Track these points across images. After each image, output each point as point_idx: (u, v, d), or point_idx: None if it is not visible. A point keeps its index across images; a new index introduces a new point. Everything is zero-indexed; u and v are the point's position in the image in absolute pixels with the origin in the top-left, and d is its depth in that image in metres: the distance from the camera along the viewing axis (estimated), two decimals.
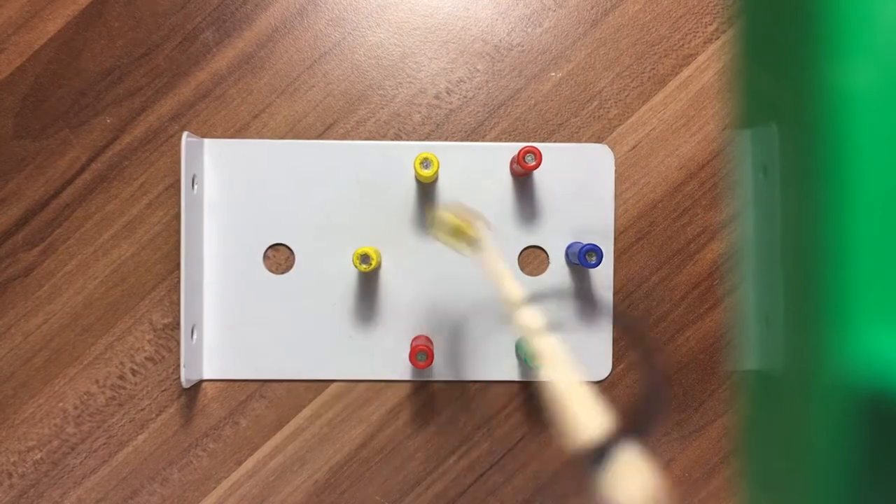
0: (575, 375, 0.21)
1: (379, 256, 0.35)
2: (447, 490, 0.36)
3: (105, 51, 0.36)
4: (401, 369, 0.36)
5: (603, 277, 0.36)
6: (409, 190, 0.36)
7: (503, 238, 0.36)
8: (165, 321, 0.36)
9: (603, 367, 0.36)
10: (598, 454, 0.18)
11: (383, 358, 0.36)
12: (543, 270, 0.36)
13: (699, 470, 0.36)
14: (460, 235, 0.30)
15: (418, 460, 0.36)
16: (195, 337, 0.35)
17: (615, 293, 0.36)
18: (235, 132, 0.36)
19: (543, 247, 0.36)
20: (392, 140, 0.36)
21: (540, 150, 0.32)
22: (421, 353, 0.33)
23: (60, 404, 0.36)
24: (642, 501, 0.17)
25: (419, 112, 0.36)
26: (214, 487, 0.36)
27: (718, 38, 0.36)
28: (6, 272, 0.36)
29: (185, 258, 0.33)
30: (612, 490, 0.17)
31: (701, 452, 0.36)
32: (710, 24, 0.36)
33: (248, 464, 0.36)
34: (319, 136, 0.36)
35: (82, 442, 0.36)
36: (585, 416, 0.19)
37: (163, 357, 0.36)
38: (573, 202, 0.36)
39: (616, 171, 0.36)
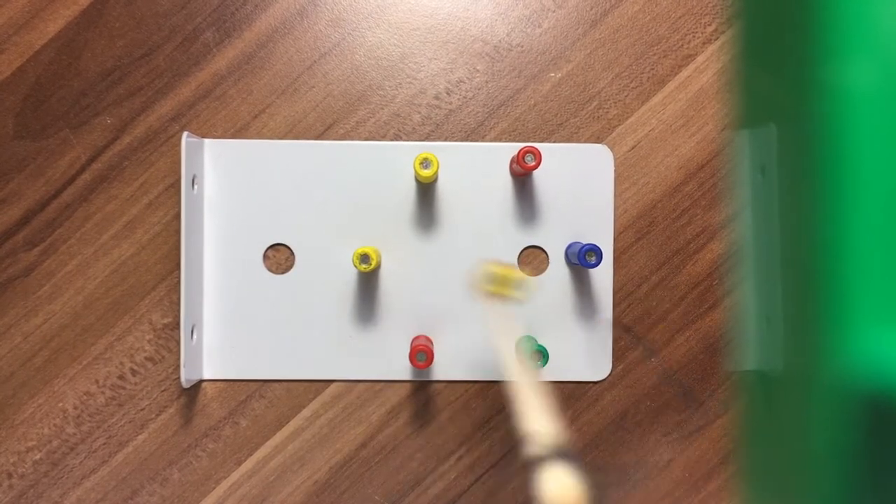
0: (541, 384, 0.22)
1: (379, 256, 0.35)
2: (447, 490, 0.36)
3: (105, 51, 0.36)
4: (401, 369, 0.36)
5: (603, 277, 0.36)
6: (409, 190, 0.36)
7: (503, 238, 0.36)
8: (165, 321, 0.36)
9: (603, 367, 0.36)
10: (541, 458, 0.18)
11: (383, 358, 0.36)
12: (543, 270, 0.36)
13: (699, 470, 0.36)
14: (507, 281, 0.30)
15: (418, 460, 0.36)
16: (195, 337, 0.35)
17: (615, 293, 0.36)
18: (235, 132, 0.36)
19: (543, 247, 0.36)
20: (392, 140, 0.36)
21: (539, 150, 0.32)
22: (421, 353, 0.33)
23: (60, 404, 0.36)
24: None
25: (419, 112, 0.36)
26: (214, 487, 0.36)
27: (717, 38, 0.36)
28: (6, 272, 0.36)
29: (185, 258, 0.33)
30: (542, 496, 0.18)
31: (701, 452, 0.36)
32: (710, 25, 0.36)
33: (248, 464, 0.36)
34: (319, 137, 0.36)
35: (82, 442, 0.36)
36: (540, 419, 0.20)
37: (163, 357, 0.36)
38: (573, 202, 0.36)
39: (615, 171, 0.36)
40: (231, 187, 0.36)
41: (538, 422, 0.20)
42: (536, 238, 0.36)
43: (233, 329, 0.36)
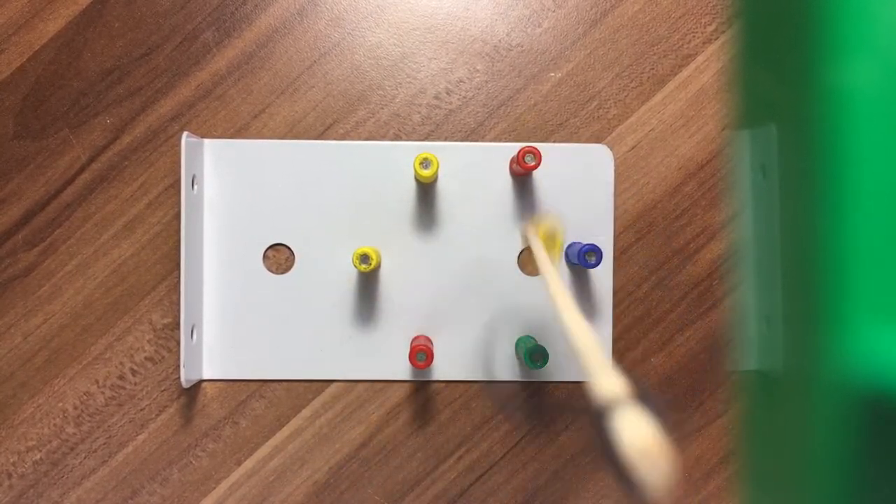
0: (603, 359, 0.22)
1: (379, 256, 0.35)
2: (447, 490, 0.36)
3: (105, 51, 0.36)
4: (401, 369, 0.36)
5: (603, 277, 0.36)
6: (409, 190, 0.36)
7: (503, 238, 0.36)
8: (165, 321, 0.36)
9: None
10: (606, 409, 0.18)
11: (383, 358, 0.36)
12: None
13: (699, 470, 0.36)
14: (555, 237, 0.30)
15: (418, 460, 0.36)
16: (195, 337, 0.35)
17: (615, 293, 0.36)
18: (235, 132, 0.36)
19: None
20: (392, 140, 0.36)
21: (539, 150, 0.32)
22: (421, 353, 0.33)
23: (60, 404, 0.36)
24: (650, 450, 0.17)
25: (419, 112, 0.36)
26: (214, 487, 0.36)
27: (717, 38, 0.36)
28: (6, 272, 0.36)
29: (185, 258, 0.33)
30: (621, 440, 0.18)
31: (701, 452, 0.36)
32: (710, 25, 0.36)
33: (248, 464, 0.36)
34: (319, 137, 0.36)
35: (82, 442, 0.36)
36: (602, 373, 0.20)
37: (163, 357, 0.36)
38: (573, 202, 0.36)
39: (615, 171, 0.36)
40: (231, 187, 0.36)
41: (599, 369, 0.20)
42: None
43: (233, 329, 0.36)
